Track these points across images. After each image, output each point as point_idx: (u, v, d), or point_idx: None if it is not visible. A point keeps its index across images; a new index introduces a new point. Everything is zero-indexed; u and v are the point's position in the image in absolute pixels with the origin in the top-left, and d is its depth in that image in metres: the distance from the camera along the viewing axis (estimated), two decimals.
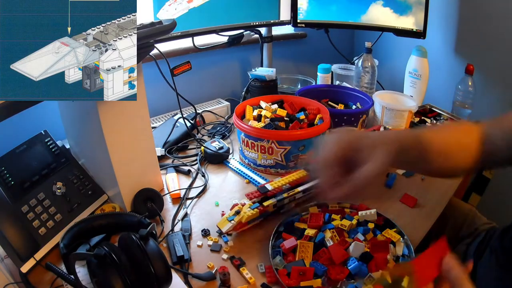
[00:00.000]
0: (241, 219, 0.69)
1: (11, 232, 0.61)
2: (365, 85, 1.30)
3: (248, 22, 1.19)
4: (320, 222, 0.70)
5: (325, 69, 1.33)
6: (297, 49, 1.61)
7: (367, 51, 1.27)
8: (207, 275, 0.62)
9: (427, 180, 0.90)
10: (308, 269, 0.61)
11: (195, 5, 1.02)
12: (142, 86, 0.74)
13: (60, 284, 0.60)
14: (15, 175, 0.69)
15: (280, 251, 0.65)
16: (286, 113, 1.00)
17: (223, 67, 1.41)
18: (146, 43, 0.64)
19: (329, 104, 1.19)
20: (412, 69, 1.25)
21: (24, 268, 0.60)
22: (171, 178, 0.89)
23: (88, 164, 0.82)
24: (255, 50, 1.39)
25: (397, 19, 1.21)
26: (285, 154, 0.89)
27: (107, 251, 0.50)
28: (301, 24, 1.30)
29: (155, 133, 1.00)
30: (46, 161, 0.74)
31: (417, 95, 1.27)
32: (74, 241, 0.58)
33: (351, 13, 1.27)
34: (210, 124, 1.19)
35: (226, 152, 0.99)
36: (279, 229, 0.71)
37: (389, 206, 0.80)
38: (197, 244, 0.70)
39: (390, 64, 1.53)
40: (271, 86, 1.21)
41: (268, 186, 0.77)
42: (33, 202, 0.67)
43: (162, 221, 0.76)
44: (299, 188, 0.78)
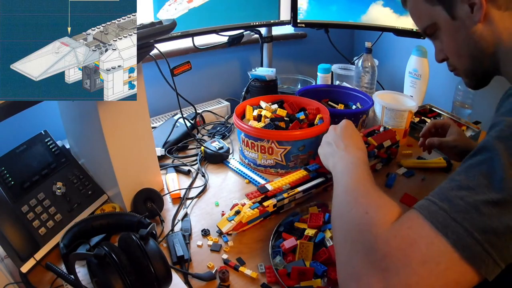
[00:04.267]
0: (241, 219, 0.69)
1: (11, 232, 0.61)
2: (365, 85, 1.30)
3: (248, 22, 1.19)
4: (320, 222, 0.70)
5: (325, 69, 1.33)
6: (297, 49, 1.61)
7: (367, 51, 1.27)
8: (207, 275, 0.62)
9: (427, 180, 0.90)
10: (308, 269, 0.61)
11: (195, 5, 1.02)
12: (142, 86, 0.74)
13: (60, 284, 0.60)
14: (15, 175, 0.69)
15: (280, 251, 0.65)
16: (286, 113, 1.00)
17: (223, 67, 1.41)
18: (146, 43, 0.64)
19: (329, 104, 1.19)
20: (412, 69, 1.25)
21: (24, 268, 0.60)
22: (171, 178, 0.89)
23: (88, 164, 0.82)
24: (255, 50, 1.39)
25: (397, 19, 1.21)
26: (285, 154, 0.89)
27: (107, 251, 0.50)
28: (301, 24, 1.30)
29: (155, 133, 1.00)
30: (46, 161, 0.74)
31: (417, 95, 1.26)
32: (74, 241, 0.58)
33: (351, 13, 1.27)
34: (210, 124, 1.19)
35: (226, 152, 0.98)
36: (279, 229, 0.71)
37: None
38: (197, 244, 0.70)
39: (390, 64, 1.53)
40: (271, 86, 1.21)
41: (268, 186, 0.77)
42: (33, 202, 0.67)
43: (162, 221, 0.76)
44: (299, 188, 0.78)
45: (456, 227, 0.39)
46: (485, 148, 0.43)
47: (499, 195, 0.39)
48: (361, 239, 0.45)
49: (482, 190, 0.40)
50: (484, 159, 0.42)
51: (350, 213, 0.51)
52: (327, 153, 0.73)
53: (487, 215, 0.38)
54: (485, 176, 0.41)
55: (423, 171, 0.94)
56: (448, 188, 0.43)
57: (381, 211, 0.47)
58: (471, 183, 0.41)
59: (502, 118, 0.44)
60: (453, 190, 0.42)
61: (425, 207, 0.42)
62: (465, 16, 0.57)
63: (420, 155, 1.01)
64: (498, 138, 0.42)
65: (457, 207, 0.40)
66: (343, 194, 0.56)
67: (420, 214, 0.42)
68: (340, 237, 0.50)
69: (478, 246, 0.37)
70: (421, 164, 0.96)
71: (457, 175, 0.44)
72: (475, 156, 0.44)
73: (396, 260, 0.40)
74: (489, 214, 0.38)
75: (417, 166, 0.96)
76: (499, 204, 0.38)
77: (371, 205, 0.50)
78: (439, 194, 0.43)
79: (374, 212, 0.48)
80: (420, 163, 0.97)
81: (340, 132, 0.74)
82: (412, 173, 0.93)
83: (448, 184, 0.43)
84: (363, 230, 0.46)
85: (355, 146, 0.69)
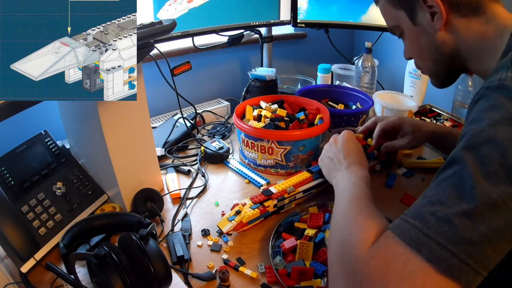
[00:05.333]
0: (242, 219, 0.69)
1: (11, 232, 0.61)
2: (365, 85, 1.30)
3: (248, 22, 1.19)
4: (320, 222, 0.70)
5: (325, 69, 1.33)
6: (297, 49, 1.61)
7: (367, 51, 1.27)
8: (207, 275, 0.62)
9: (427, 180, 0.90)
10: (308, 269, 0.61)
11: (195, 5, 1.02)
12: (142, 86, 0.74)
13: (60, 284, 0.60)
14: (15, 175, 0.69)
15: (280, 251, 0.65)
16: (286, 113, 1.00)
17: (223, 67, 1.41)
18: (146, 43, 0.64)
19: (329, 104, 1.19)
20: (412, 69, 1.25)
21: (24, 268, 0.60)
22: (171, 178, 0.89)
23: (88, 164, 0.82)
24: (255, 50, 1.39)
25: None
26: (285, 154, 0.89)
27: (107, 251, 0.50)
28: (301, 24, 1.30)
29: (155, 133, 1.00)
30: (46, 161, 0.74)
31: (417, 95, 1.26)
32: (74, 241, 0.58)
33: (351, 13, 1.27)
34: (210, 124, 1.19)
35: (226, 152, 0.98)
36: (279, 229, 0.71)
37: (389, 206, 0.80)
38: (197, 244, 0.70)
39: (390, 64, 1.53)
40: (271, 86, 1.21)
41: (272, 189, 0.76)
42: (33, 202, 0.67)
43: (162, 221, 0.76)
44: (300, 188, 0.78)
45: (428, 242, 0.39)
46: (453, 160, 0.43)
47: (470, 205, 0.38)
48: (344, 261, 0.46)
49: (452, 202, 0.40)
50: (454, 172, 0.42)
51: (338, 234, 0.51)
52: (329, 168, 0.74)
53: (461, 226, 0.38)
54: (455, 187, 0.41)
55: (423, 171, 0.94)
56: (420, 205, 0.43)
57: (363, 233, 0.48)
58: (441, 197, 0.41)
59: (468, 128, 0.44)
60: (425, 207, 0.42)
61: (398, 226, 0.43)
62: (426, 24, 0.59)
63: (420, 155, 1.01)
64: (465, 148, 0.42)
65: (429, 223, 0.40)
66: (338, 216, 0.56)
67: (394, 234, 0.42)
68: (329, 258, 0.51)
69: (454, 258, 0.37)
70: (421, 164, 0.96)
71: (429, 191, 0.44)
72: (445, 170, 0.44)
73: (374, 280, 0.41)
74: (463, 225, 0.38)
75: (417, 166, 0.96)
76: (472, 213, 0.38)
77: (355, 226, 0.50)
78: (412, 212, 0.43)
79: (356, 233, 0.48)
80: (420, 163, 0.97)
81: (341, 146, 0.74)
82: (412, 173, 0.93)
83: (420, 201, 0.44)
84: (346, 252, 0.47)
85: (357, 163, 0.69)
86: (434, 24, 0.57)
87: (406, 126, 0.85)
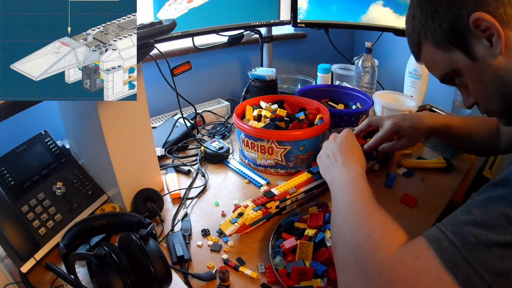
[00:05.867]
0: (245, 221, 0.69)
1: (11, 232, 0.61)
2: (365, 85, 1.30)
3: (248, 22, 1.19)
4: (320, 222, 0.70)
5: (325, 69, 1.33)
6: (297, 49, 1.61)
7: (367, 51, 1.27)
8: (207, 275, 0.62)
9: (427, 180, 0.90)
10: (308, 269, 0.61)
11: (195, 5, 1.02)
12: (142, 86, 0.74)
13: (60, 284, 0.60)
14: (15, 175, 0.69)
15: (280, 251, 0.65)
16: (286, 113, 1.00)
17: (223, 67, 1.41)
18: (146, 43, 0.64)
19: (329, 104, 1.19)
20: (412, 69, 1.25)
21: (24, 268, 0.60)
22: (171, 178, 0.89)
23: (88, 164, 0.82)
24: (255, 50, 1.39)
25: (397, 19, 1.21)
26: (285, 154, 0.89)
27: (107, 251, 0.50)
28: (301, 24, 1.30)
29: (155, 133, 1.00)
30: (46, 161, 0.74)
31: (417, 95, 1.26)
32: (74, 241, 0.58)
33: (351, 13, 1.27)
34: (210, 124, 1.19)
35: (226, 152, 0.99)
36: (279, 229, 0.71)
37: (389, 206, 0.80)
38: (197, 244, 0.70)
39: (390, 64, 1.53)
40: (271, 86, 1.21)
41: (274, 190, 0.76)
42: (33, 202, 0.67)
43: (162, 221, 0.76)
44: (301, 189, 0.78)
45: (466, 268, 0.38)
46: (508, 181, 0.41)
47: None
48: (364, 263, 0.45)
49: (498, 231, 0.38)
50: (506, 194, 0.40)
51: (352, 234, 0.50)
52: (325, 165, 0.73)
53: (500, 256, 0.37)
54: (505, 216, 0.39)
55: (423, 171, 0.94)
56: (463, 222, 0.41)
57: (385, 235, 0.47)
58: (487, 220, 0.39)
59: None
60: (468, 226, 0.40)
61: (436, 240, 0.41)
62: (485, 53, 0.52)
63: (420, 155, 1.01)
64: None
65: (470, 246, 0.39)
66: (344, 213, 0.55)
67: (431, 246, 0.41)
68: (341, 258, 0.50)
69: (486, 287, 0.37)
70: (421, 164, 0.96)
71: (475, 207, 0.42)
72: (496, 188, 0.42)
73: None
74: (502, 255, 0.37)
75: (417, 166, 0.96)
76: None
77: (374, 227, 0.49)
78: (452, 225, 0.42)
79: (378, 235, 0.47)
80: (420, 163, 0.97)
81: (339, 144, 0.74)
82: (412, 173, 0.93)
83: (463, 216, 0.42)
84: (367, 254, 0.45)
85: (353, 160, 0.68)
86: (494, 49, 0.51)
87: (403, 129, 0.82)
